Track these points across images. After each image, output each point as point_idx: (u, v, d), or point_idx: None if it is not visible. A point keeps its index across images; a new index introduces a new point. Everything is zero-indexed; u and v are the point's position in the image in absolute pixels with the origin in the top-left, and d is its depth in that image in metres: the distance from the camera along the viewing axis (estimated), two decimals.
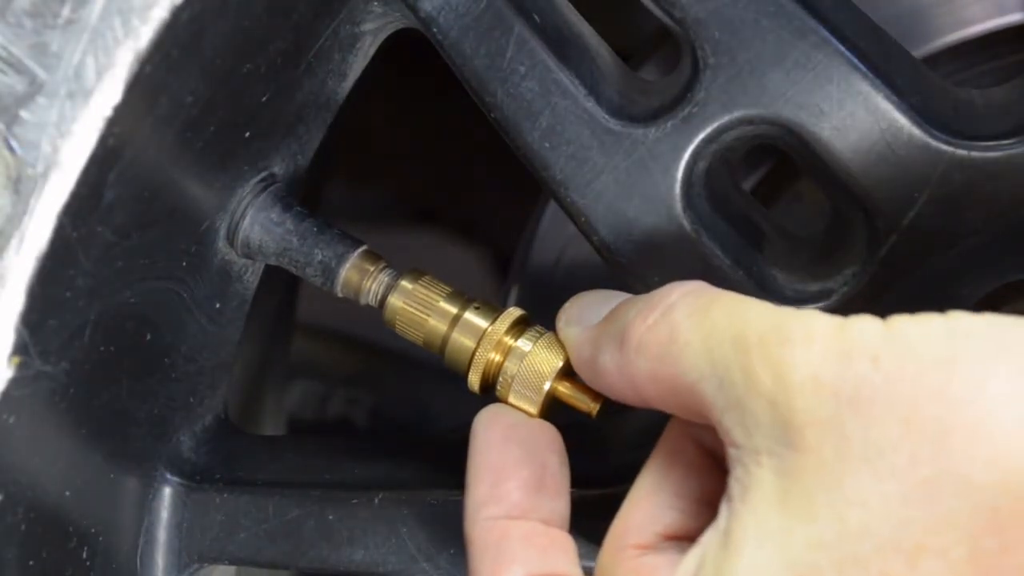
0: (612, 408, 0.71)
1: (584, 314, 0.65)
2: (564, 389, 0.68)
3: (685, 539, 0.61)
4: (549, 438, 0.66)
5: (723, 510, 0.55)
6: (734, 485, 0.55)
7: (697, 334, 0.57)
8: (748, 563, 0.52)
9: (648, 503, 0.62)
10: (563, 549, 0.62)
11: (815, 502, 0.51)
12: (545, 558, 0.62)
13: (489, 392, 0.70)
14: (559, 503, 0.64)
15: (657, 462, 0.64)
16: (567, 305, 0.67)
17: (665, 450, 0.64)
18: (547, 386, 0.68)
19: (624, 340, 0.60)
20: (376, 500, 0.75)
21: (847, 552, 0.50)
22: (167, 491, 0.76)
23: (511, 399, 0.68)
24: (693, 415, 0.58)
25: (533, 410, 0.68)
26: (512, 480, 0.63)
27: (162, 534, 0.76)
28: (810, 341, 0.53)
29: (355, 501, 0.75)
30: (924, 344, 0.52)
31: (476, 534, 0.63)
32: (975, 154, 0.67)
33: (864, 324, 0.53)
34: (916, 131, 0.67)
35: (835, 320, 0.54)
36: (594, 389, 0.66)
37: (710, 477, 0.61)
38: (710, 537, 0.55)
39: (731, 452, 0.55)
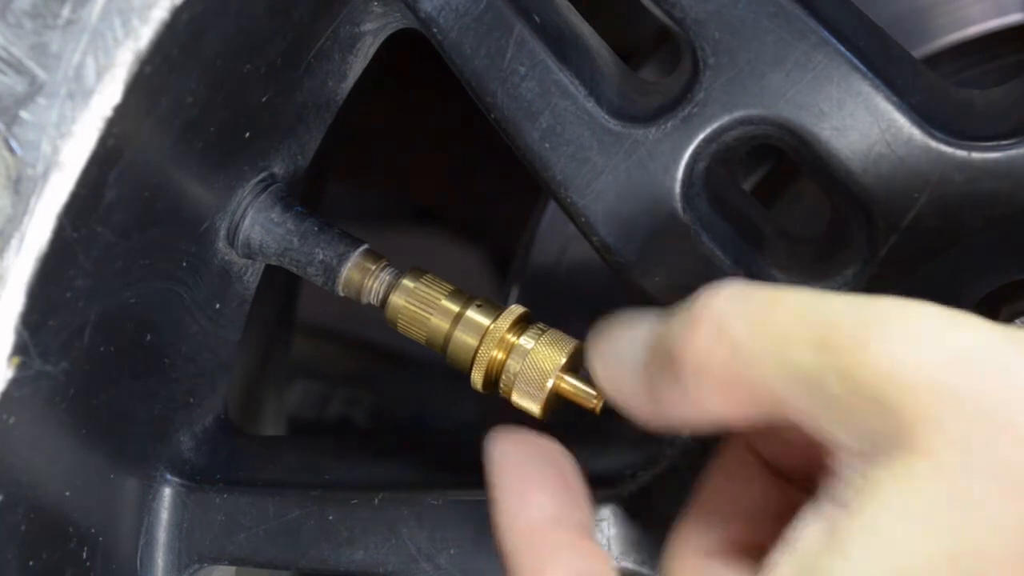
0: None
1: (620, 352, 0.60)
2: (567, 386, 0.68)
3: (752, 548, 0.59)
4: (561, 451, 0.63)
5: (825, 510, 0.52)
6: (840, 486, 0.52)
7: (765, 342, 0.53)
8: (859, 565, 0.50)
9: (712, 510, 0.61)
10: (599, 554, 0.59)
11: (936, 511, 0.49)
12: (585, 560, 0.59)
13: (492, 390, 0.70)
14: (585, 513, 0.61)
15: (719, 471, 0.62)
16: (593, 346, 0.62)
17: (726, 460, 0.62)
18: (550, 383, 0.68)
19: (678, 369, 0.55)
20: (376, 500, 0.75)
21: (965, 568, 0.49)
22: (167, 491, 0.76)
23: (514, 396, 0.68)
24: (776, 424, 0.55)
25: (536, 407, 0.68)
26: (542, 492, 0.60)
27: (162, 534, 0.76)
28: (917, 339, 0.51)
29: (355, 501, 0.75)
30: None
31: (514, 540, 0.59)
32: (975, 155, 0.67)
33: (980, 327, 0.51)
34: (916, 131, 0.67)
35: (938, 314, 0.52)
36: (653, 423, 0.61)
37: (774, 490, 0.60)
38: (810, 537, 0.52)
39: (835, 456, 0.53)
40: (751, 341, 0.54)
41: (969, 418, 0.49)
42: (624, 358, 0.60)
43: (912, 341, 0.51)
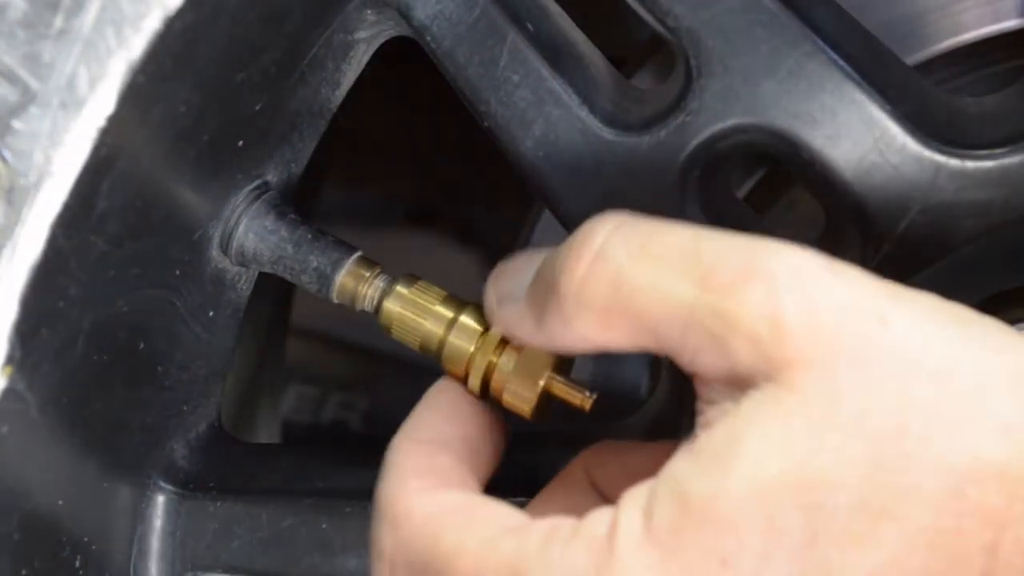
0: (608, 409, 0.71)
1: (512, 286, 0.63)
2: (557, 386, 0.68)
3: None
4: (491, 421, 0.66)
5: (693, 435, 0.54)
6: (708, 412, 0.54)
7: (646, 276, 0.55)
8: (715, 479, 0.52)
9: (536, 507, 0.65)
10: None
11: (795, 442, 0.51)
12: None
13: (489, 396, 0.70)
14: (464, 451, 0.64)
15: (554, 482, 0.66)
16: (491, 283, 0.65)
17: (563, 475, 0.67)
18: (540, 384, 0.68)
19: (560, 301, 0.57)
20: (370, 508, 0.75)
21: (817, 499, 0.51)
22: (160, 499, 0.76)
23: (505, 397, 0.68)
24: (653, 350, 0.56)
25: (527, 408, 0.68)
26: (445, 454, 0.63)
27: (155, 542, 0.76)
28: (799, 281, 0.52)
29: (349, 509, 0.75)
30: (936, 318, 0.53)
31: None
32: (968, 163, 0.67)
33: (862, 277, 0.53)
34: (909, 140, 0.67)
35: (819, 260, 0.53)
36: (560, 352, 0.65)
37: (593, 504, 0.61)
38: (676, 459, 0.53)
39: (707, 386, 0.54)
40: (632, 272, 0.55)
41: (840, 365, 0.51)
42: (514, 286, 0.62)
43: (792, 286, 0.52)
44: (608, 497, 0.65)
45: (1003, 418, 0.51)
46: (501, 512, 0.58)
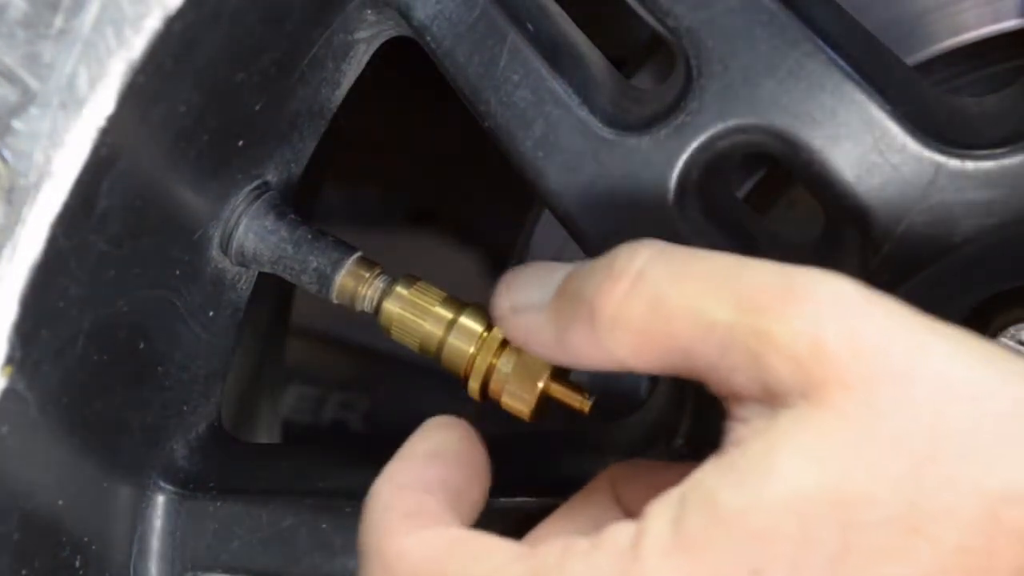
0: (608, 410, 0.71)
1: (530, 297, 0.62)
2: (556, 388, 0.68)
3: None
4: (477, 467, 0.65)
5: (724, 450, 0.54)
6: (741, 429, 0.54)
7: (686, 299, 0.55)
8: (748, 493, 0.52)
9: (563, 516, 0.65)
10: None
11: (832, 457, 0.52)
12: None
13: (488, 398, 0.70)
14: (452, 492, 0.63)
15: (580, 495, 0.66)
16: (504, 290, 0.64)
17: (589, 490, 0.66)
18: (540, 386, 0.68)
19: (594, 316, 0.57)
20: None
21: (852, 515, 0.51)
22: (160, 499, 0.76)
23: (504, 399, 0.68)
24: (680, 372, 0.57)
25: (526, 410, 0.68)
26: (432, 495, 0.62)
27: (155, 542, 0.76)
28: (840, 305, 0.53)
29: (349, 509, 0.75)
30: (973, 350, 0.53)
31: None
32: (968, 163, 0.67)
33: (901, 307, 0.54)
34: (909, 140, 0.67)
35: (859, 287, 0.54)
36: (565, 366, 0.64)
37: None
38: (706, 471, 0.54)
39: (741, 405, 0.55)
40: (671, 294, 0.56)
41: (879, 386, 0.52)
42: (534, 297, 0.62)
43: (834, 310, 0.53)
44: (632, 514, 0.64)
45: None
46: (501, 544, 0.58)
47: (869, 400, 0.52)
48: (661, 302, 0.56)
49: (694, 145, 0.69)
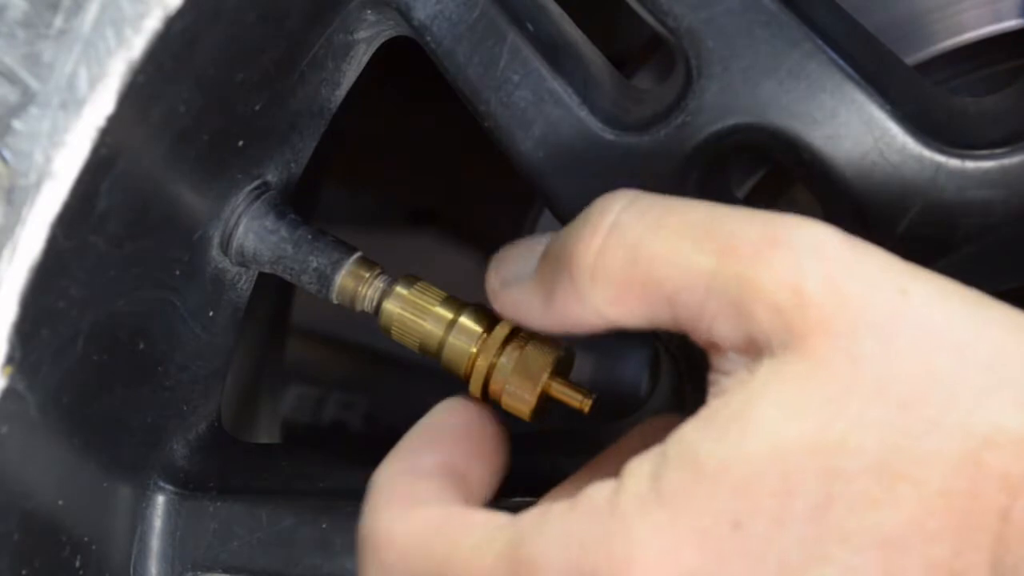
0: (608, 409, 0.71)
1: (517, 268, 0.62)
2: (556, 388, 0.68)
3: None
4: (492, 444, 0.65)
5: (707, 402, 0.54)
6: (723, 380, 0.54)
7: (664, 247, 0.55)
8: (729, 444, 0.51)
9: (596, 467, 0.64)
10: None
11: (813, 406, 0.51)
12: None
13: (489, 398, 0.70)
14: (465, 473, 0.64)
15: (605, 454, 0.65)
16: (493, 268, 0.64)
17: (614, 449, 0.65)
18: (539, 386, 0.68)
19: (574, 272, 0.57)
20: None
21: (834, 464, 0.51)
22: (160, 499, 0.76)
23: (504, 399, 0.68)
24: (666, 323, 0.56)
25: (526, 409, 0.68)
26: (431, 479, 0.62)
27: (155, 542, 0.76)
28: (821, 253, 0.53)
29: (349, 509, 0.75)
30: (956, 295, 0.53)
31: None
32: (968, 163, 0.67)
33: (882, 253, 0.54)
34: (909, 140, 0.67)
35: (840, 234, 0.54)
36: (558, 336, 0.65)
37: None
38: (688, 424, 0.53)
39: (723, 355, 0.54)
40: (649, 243, 0.55)
41: (861, 333, 0.52)
42: (520, 268, 0.62)
43: (814, 257, 0.53)
44: None
45: (1021, 391, 0.51)
46: (486, 517, 0.57)
47: (850, 348, 0.51)
48: (639, 251, 0.55)
49: (694, 145, 0.69)
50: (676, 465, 0.52)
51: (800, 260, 0.53)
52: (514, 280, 0.62)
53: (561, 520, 0.54)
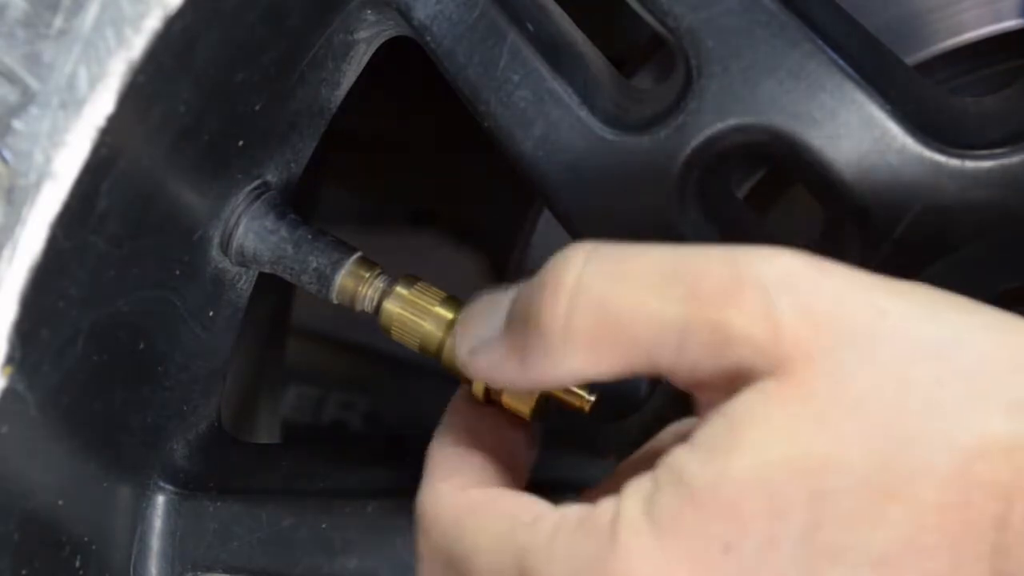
0: (608, 409, 0.71)
1: (484, 332, 0.61)
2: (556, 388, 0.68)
3: None
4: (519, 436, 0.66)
5: (694, 432, 0.54)
6: (708, 413, 0.53)
7: (631, 299, 0.54)
8: (715, 466, 0.51)
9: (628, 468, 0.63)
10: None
11: (796, 426, 0.51)
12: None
13: (490, 398, 0.70)
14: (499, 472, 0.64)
15: (641, 452, 0.65)
16: (460, 334, 0.62)
17: (651, 445, 0.65)
18: None
19: (544, 337, 0.56)
20: (370, 508, 0.75)
21: (821, 483, 0.50)
22: (160, 499, 0.76)
23: (505, 398, 0.68)
24: (646, 371, 0.56)
25: (527, 409, 0.68)
26: (473, 473, 0.63)
27: (155, 542, 0.76)
28: (789, 285, 0.52)
29: (349, 509, 0.75)
30: (934, 305, 0.53)
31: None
32: (968, 163, 0.67)
33: (852, 273, 0.53)
34: (909, 140, 0.67)
35: (806, 260, 0.53)
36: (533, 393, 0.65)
37: None
38: (676, 451, 0.53)
39: (705, 395, 0.54)
40: (615, 297, 0.55)
41: (839, 353, 0.51)
42: (488, 329, 0.60)
43: (783, 288, 0.52)
44: None
45: (1008, 396, 0.51)
46: (521, 505, 0.57)
47: (831, 368, 0.51)
48: (606, 307, 0.55)
49: (694, 145, 0.69)
50: (667, 490, 0.52)
51: (770, 296, 0.52)
52: (482, 346, 0.61)
53: (569, 538, 0.54)
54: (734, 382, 0.53)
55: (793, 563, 0.51)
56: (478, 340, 0.61)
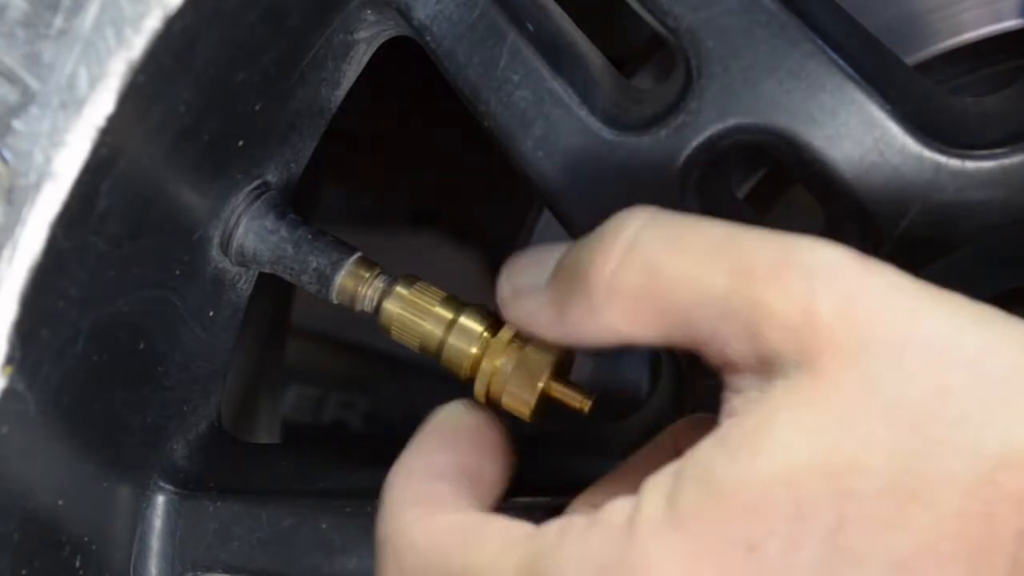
0: (608, 409, 0.71)
1: (529, 278, 0.62)
2: (556, 388, 0.68)
3: None
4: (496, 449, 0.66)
5: (720, 423, 0.54)
6: (736, 400, 0.54)
7: (681, 266, 0.55)
8: (743, 465, 0.51)
9: (624, 473, 0.64)
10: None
11: (825, 428, 0.51)
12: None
13: (490, 398, 0.70)
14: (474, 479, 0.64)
15: (636, 457, 0.65)
16: (505, 276, 0.63)
17: (650, 446, 0.66)
18: (540, 386, 0.68)
19: (590, 288, 0.57)
20: (370, 508, 0.75)
21: (847, 486, 0.51)
22: (160, 499, 0.76)
23: (504, 400, 0.68)
24: (678, 341, 0.57)
25: (526, 410, 0.68)
26: (445, 482, 0.63)
27: (155, 542, 0.76)
28: (834, 275, 0.53)
29: (349, 509, 0.75)
30: (967, 314, 0.53)
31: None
32: (968, 163, 0.67)
33: (895, 273, 0.54)
34: (909, 140, 0.67)
35: (853, 255, 0.54)
36: (566, 347, 0.65)
37: None
38: (702, 445, 0.53)
39: (737, 375, 0.54)
40: (666, 262, 0.55)
41: (872, 354, 0.51)
42: (533, 278, 0.62)
43: (827, 278, 0.53)
44: None
45: None
46: (504, 528, 0.57)
47: (863, 368, 0.51)
48: (655, 270, 0.56)
49: (694, 145, 0.69)
50: (691, 485, 0.52)
51: (813, 282, 0.53)
52: (526, 291, 0.62)
53: (580, 539, 0.54)
54: (764, 368, 0.53)
55: (814, 565, 0.51)
56: (522, 285, 0.62)
